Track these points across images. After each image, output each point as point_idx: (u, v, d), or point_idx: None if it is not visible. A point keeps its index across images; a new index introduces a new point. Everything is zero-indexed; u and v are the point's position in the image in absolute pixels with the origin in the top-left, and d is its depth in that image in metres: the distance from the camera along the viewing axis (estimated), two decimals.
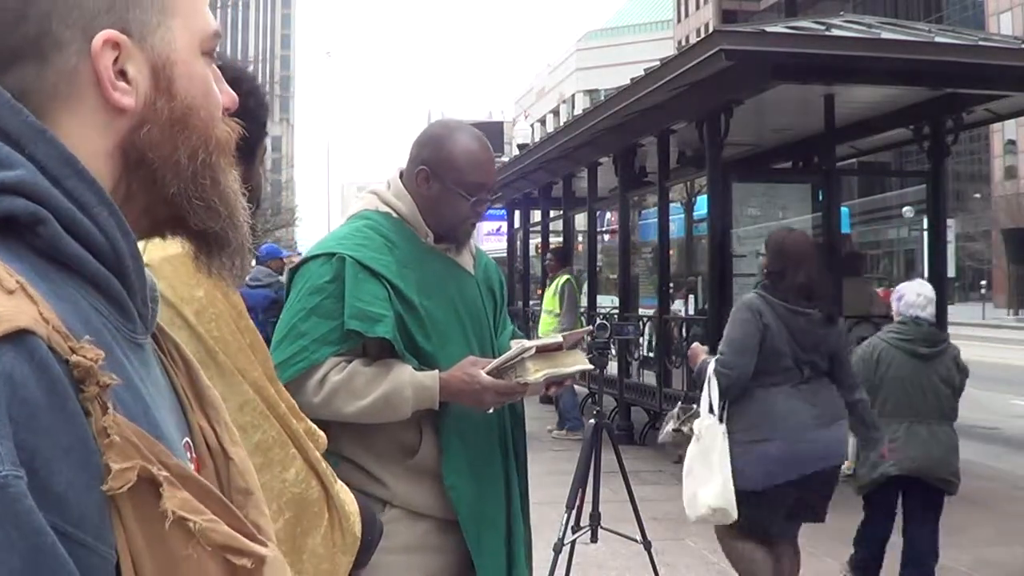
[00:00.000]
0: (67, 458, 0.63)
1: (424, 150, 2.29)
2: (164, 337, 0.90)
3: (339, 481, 1.20)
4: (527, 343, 2.22)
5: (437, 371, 2.14)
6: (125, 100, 0.78)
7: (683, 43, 41.98)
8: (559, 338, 2.28)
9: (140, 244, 0.81)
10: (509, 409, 2.33)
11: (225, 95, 0.87)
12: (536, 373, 2.16)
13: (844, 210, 9.96)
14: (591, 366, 2.39)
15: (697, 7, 72.68)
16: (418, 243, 2.27)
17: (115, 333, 0.74)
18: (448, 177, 2.24)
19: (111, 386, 0.66)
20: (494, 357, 2.29)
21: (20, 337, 0.62)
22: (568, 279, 9.87)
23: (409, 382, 2.10)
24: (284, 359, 2.12)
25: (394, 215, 2.29)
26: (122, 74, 0.78)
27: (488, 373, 2.14)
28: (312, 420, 2.11)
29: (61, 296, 0.69)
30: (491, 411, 2.22)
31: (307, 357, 2.11)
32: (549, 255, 10.64)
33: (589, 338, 4.45)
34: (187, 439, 0.82)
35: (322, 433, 1.27)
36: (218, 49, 0.89)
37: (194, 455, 0.82)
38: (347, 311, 2.10)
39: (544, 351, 2.21)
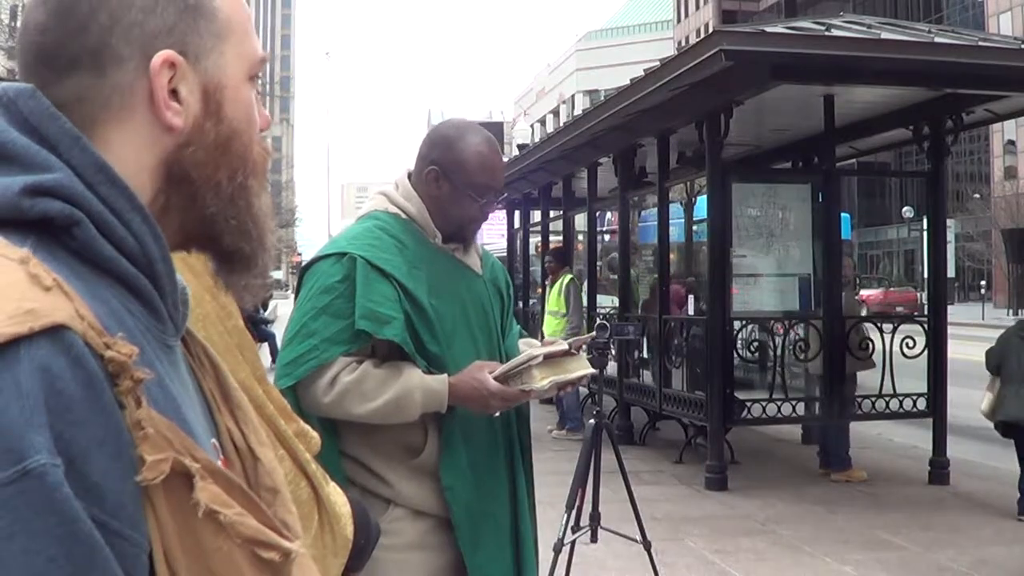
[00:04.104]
0: (102, 449, 0.64)
1: (434, 150, 2.29)
2: (192, 340, 0.91)
3: (331, 483, 1.20)
4: (534, 350, 2.22)
5: (446, 375, 2.14)
6: (175, 120, 0.80)
7: (683, 43, 42.01)
8: (565, 344, 2.29)
9: None
10: (515, 410, 2.34)
11: (261, 117, 0.89)
12: (542, 380, 2.18)
13: (845, 216, 9.94)
14: (594, 370, 2.40)
15: (697, 7, 72.68)
16: (427, 244, 2.28)
17: (146, 333, 0.75)
18: (458, 178, 2.24)
19: (144, 381, 0.68)
20: (500, 358, 2.31)
21: (57, 332, 0.64)
22: (572, 278, 9.86)
23: (419, 385, 2.11)
24: (294, 358, 2.13)
25: (403, 216, 2.29)
26: (174, 94, 0.80)
27: (495, 379, 2.15)
28: (322, 419, 2.13)
29: (95, 295, 0.71)
30: (496, 415, 2.23)
31: (317, 356, 2.12)
32: (549, 256, 10.62)
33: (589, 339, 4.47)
34: (214, 440, 0.83)
35: (315, 434, 1.26)
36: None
37: (222, 456, 0.83)
38: (357, 311, 2.11)
39: (550, 358, 2.22)
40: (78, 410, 0.64)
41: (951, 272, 29.12)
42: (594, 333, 2.89)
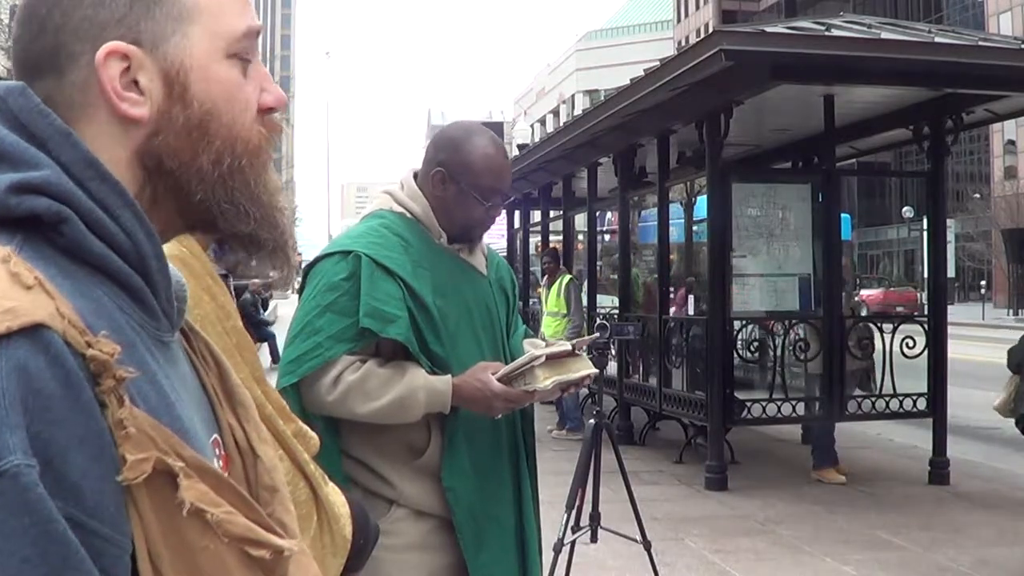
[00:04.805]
0: (82, 449, 0.64)
1: (441, 152, 2.28)
2: (195, 336, 0.90)
3: (330, 483, 1.19)
4: (537, 351, 2.22)
5: (450, 376, 2.14)
6: (134, 111, 0.78)
7: (683, 43, 42.01)
8: (568, 345, 2.29)
9: None
10: (520, 411, 2.33)
11: (270, 94, 0.86)
12: (545, 380, 2.17)
13: (845, 217, 9.93)
14: (597, 370, 2.39)
15: (697, 7, 72.70)
16: (431, 243, 2.27)
17: (139, 330, 0.74)
18: (464, 180, 2.24)
19: (127, 379, 0.67)
20: (505, 358, 2.31)
21: (36, 331, 0.64)
22: (571, 278, 9.85)
23: (422, 386, 2.11)
24: (298, 355, 2.13)
25: (408, 215, 2.29)
26: (135, 84, 0.78)
27: (498, 380, 2.14)
28: (324, 418, 2.12)
29: (83, 294, 0.70)
30: (499, 417, 2.23)
31: (321, 354, 2.11)
32: (546, 257, 10.62)
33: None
34: (216, 436, 0.83)
35: (314, 435, 1.26)
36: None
37: (223, 452, 0.83)
38: (362, 309, 2.11)
39: (553, 358, 2.22)
40: (56, 409, 0.63)
41: (951, 272, 29.12)
42: (596, 334, 2.88)
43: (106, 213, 0.74)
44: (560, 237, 12.64)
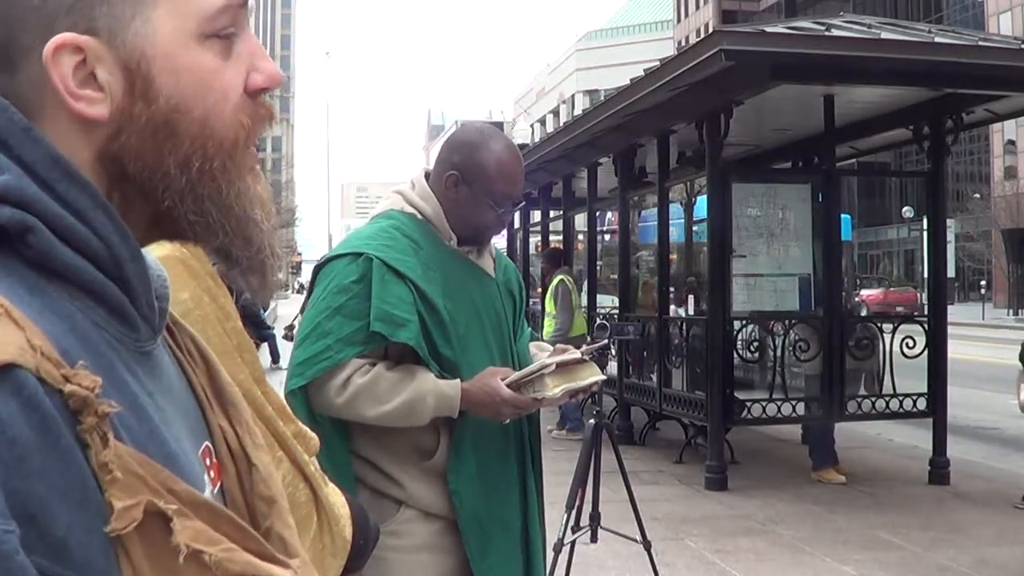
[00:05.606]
0: (65, 500, 0.58)
1: (456, 154, 2.27)
2: (180, 331, 0.84)
3: (330, 484, 1.19)
4: (547, 359, 2.22)
5: (459, 381, 2.14)
6: (91, 110, 0.69)
7: (683, 43, 42.04)
8: (577, 352, 2.29)
9: None
10: (527, 416, 2.34)
11: (261, 73, 0.76)
12: (554, 388, 2.18)
13: (845, 217, 9.93)
14: (605, 377, 2.40)
15: (697, 7, 72.73)
16: (441, 245, 2.27)
17: (116, 346, 0.68)
18: (477, 184, 2.23)
19: (111, 414, 0.61)
20: (513, 361, 2.31)
21: (6, 372, 0.57)
22: (561, 279, 9.85)
23: (431, 390, 2.11)
24: (308, 357, 2.13)
25: (418, 216, 2.28)
26: (94, 78, 0.69)
27: (507, 385, 2.15)
28: (333, 419, 2.12)
29: (55, 312, 0.64)
30: (506, 422, 2.24)
31: (331, 356, 2.11)
32: (544, 258, 10.62)
33: (588, 338, 4.48)
34: (207, 443, 0.77)
35: (314, 435, 1.26)
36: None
37: (215, 460, 0.77)
38: (373, 312, 2.10)
39: (563, 366, 2.22)
40: (34, 459, 0.57)
41: (951, 272, 29.12)
42: (605, 342, 2.88)
43: (76, 217, 0.67)
44: (560, 237, 12.64)
